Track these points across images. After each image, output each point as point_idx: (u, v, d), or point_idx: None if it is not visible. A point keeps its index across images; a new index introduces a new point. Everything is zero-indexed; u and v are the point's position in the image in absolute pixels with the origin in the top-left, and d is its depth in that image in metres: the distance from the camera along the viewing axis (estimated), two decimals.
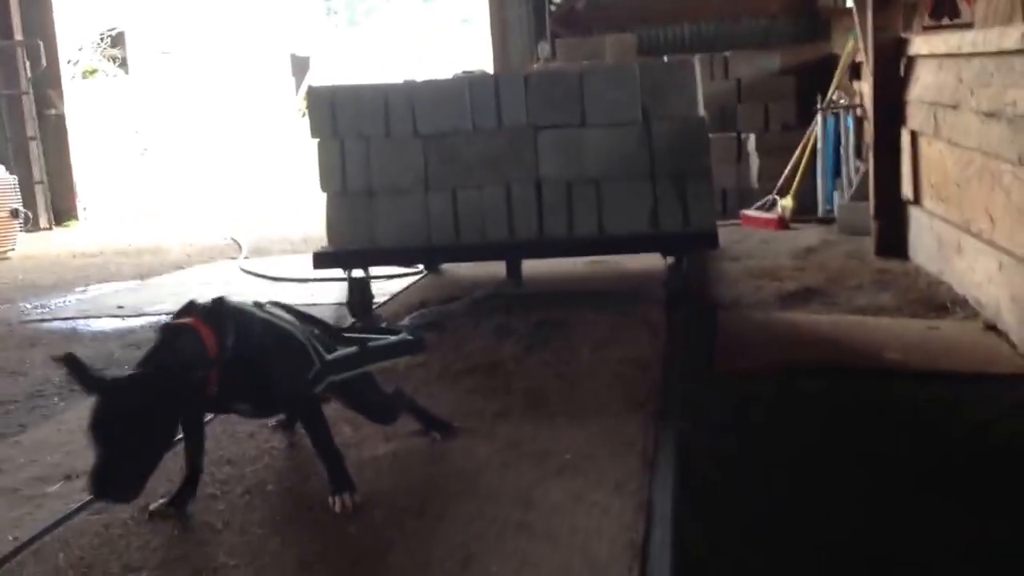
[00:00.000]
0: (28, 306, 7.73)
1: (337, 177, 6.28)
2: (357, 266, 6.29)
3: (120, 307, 7.34)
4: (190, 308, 3.07)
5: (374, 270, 6.58)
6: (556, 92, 6.14)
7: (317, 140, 6.31)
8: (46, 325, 6.97)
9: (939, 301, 5.84)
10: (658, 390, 4.06)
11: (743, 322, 5.59)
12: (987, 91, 5.34)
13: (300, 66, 24.16)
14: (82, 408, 4.69)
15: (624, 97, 6.08)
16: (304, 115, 20.18)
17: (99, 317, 7.10)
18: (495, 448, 3.48)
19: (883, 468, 3.49)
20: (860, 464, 3.53)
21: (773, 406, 4.21)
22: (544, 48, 11.60)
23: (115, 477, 2.71)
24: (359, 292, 6.28)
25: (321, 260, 6.31)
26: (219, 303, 3.08)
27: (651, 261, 6.61)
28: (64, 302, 7.89)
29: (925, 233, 6.83)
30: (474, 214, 6.20)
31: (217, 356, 2.95)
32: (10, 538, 2.37)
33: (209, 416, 3.68)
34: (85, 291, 8.36)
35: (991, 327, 5.19)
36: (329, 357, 3.35)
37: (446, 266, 7.51)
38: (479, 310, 5.84)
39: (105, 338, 6.39)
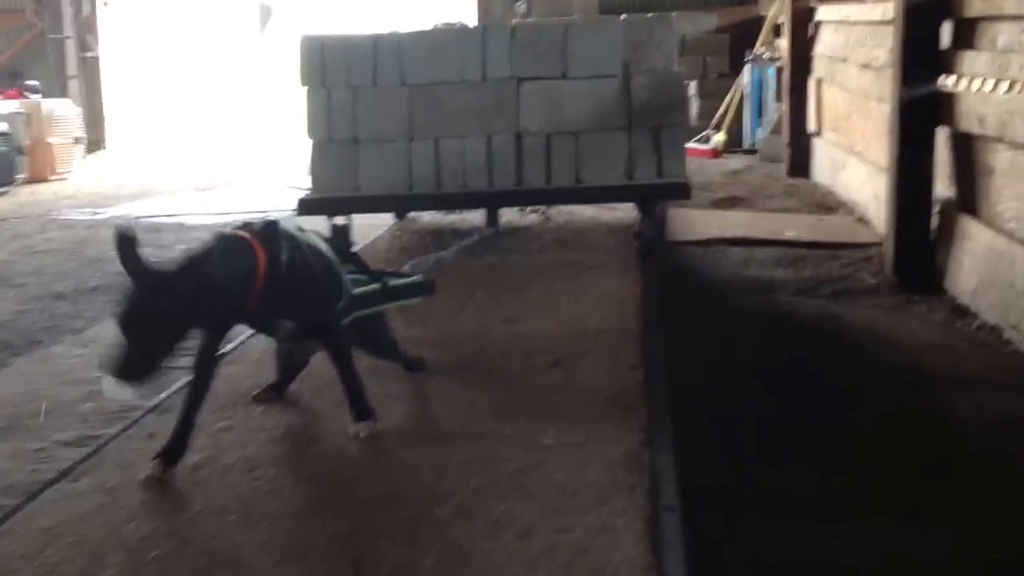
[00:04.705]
0: (126, 208, 9.29)
1: (323, 125, 6.27)
2: (341, 212, 6.25)
3: (206, 208, 9.07)
4: (245, 226, 3.08)
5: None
6: (540, 44, 6.16)
7: (306, 88, 6.32)
8: (156, 220, 8.57)
9: (828, 204, 8.01)
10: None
11: (686, 215, 7.60)
12: (863, 50, 7.30)
13: (265, 15, 25.28)
14: None
15: (606, 51, 6.13)
16: (264, 61, 21.55)
17: (194, 215, 8.76)
18: (545, 262, 5.63)
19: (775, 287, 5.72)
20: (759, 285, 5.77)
21: (704, 257, 6.41)
22: (521, 4, 12.73)
23: (131, 366, 2.68)
24: (340, 237, 5.99)
25: (306, 206, 6.15)
26: (273, 224, 3.11)
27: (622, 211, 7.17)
28: (153, 205, 9.37)
29: (823, 156, 8.92)
30: (456, 164, 6.20)
31: (265, 272, 2.97)
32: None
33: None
34: (162, 198, 9.89)
35: (860, 219, 7.31)
36: (356, 291, 3.41)
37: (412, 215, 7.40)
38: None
39: (209, 229, 8.03)
